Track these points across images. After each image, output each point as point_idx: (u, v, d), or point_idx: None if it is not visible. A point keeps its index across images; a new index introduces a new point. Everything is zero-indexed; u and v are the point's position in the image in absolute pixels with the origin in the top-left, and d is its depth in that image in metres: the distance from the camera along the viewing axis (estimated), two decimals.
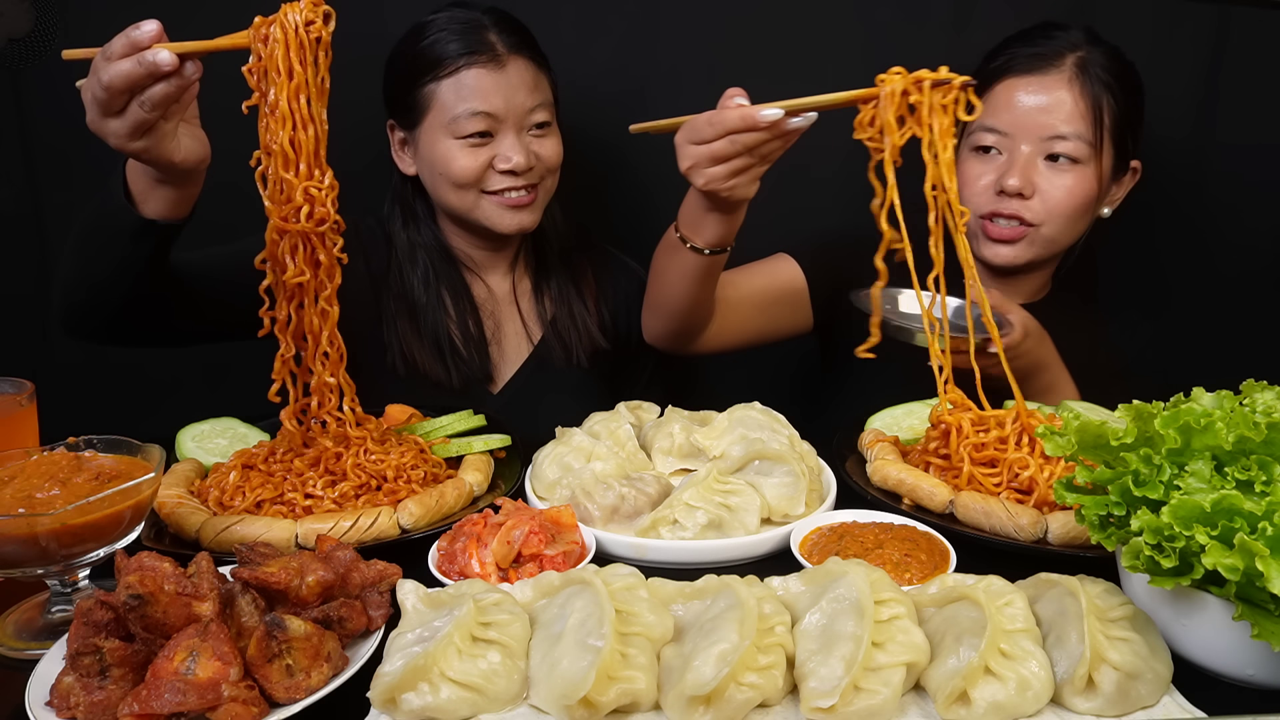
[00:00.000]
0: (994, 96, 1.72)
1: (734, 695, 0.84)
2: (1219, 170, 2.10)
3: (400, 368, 1.77)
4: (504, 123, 1.68)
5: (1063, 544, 1.16)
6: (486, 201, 1.72)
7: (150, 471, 1.03)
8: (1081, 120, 1.68)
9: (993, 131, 1.72)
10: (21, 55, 1.98)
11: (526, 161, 1.69)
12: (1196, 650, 0.93)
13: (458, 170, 1.68)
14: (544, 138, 1.74)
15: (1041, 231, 1.72)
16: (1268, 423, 0.92)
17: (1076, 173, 1.70)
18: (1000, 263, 1.76)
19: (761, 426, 1.36)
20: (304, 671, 0.85)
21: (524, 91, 1.69)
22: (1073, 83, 1.69)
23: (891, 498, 1.29)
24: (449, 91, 1.67)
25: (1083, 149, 1.68)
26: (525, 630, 0.92)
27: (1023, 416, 1.32)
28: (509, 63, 1.68)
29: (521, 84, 1.69)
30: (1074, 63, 1.70)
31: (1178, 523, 0.88)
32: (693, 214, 1.51)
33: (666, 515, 1.19)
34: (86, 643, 0.84)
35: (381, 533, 1.16)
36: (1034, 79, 1.69)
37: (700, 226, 1.50)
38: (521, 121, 1.70)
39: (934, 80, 1.26)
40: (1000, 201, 1.71)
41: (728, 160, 1.35)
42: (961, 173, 1.75)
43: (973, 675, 0.85)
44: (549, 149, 1.75)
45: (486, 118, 1.67)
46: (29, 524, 0.94)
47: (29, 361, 2.00)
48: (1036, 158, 1.69)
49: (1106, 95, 1.69)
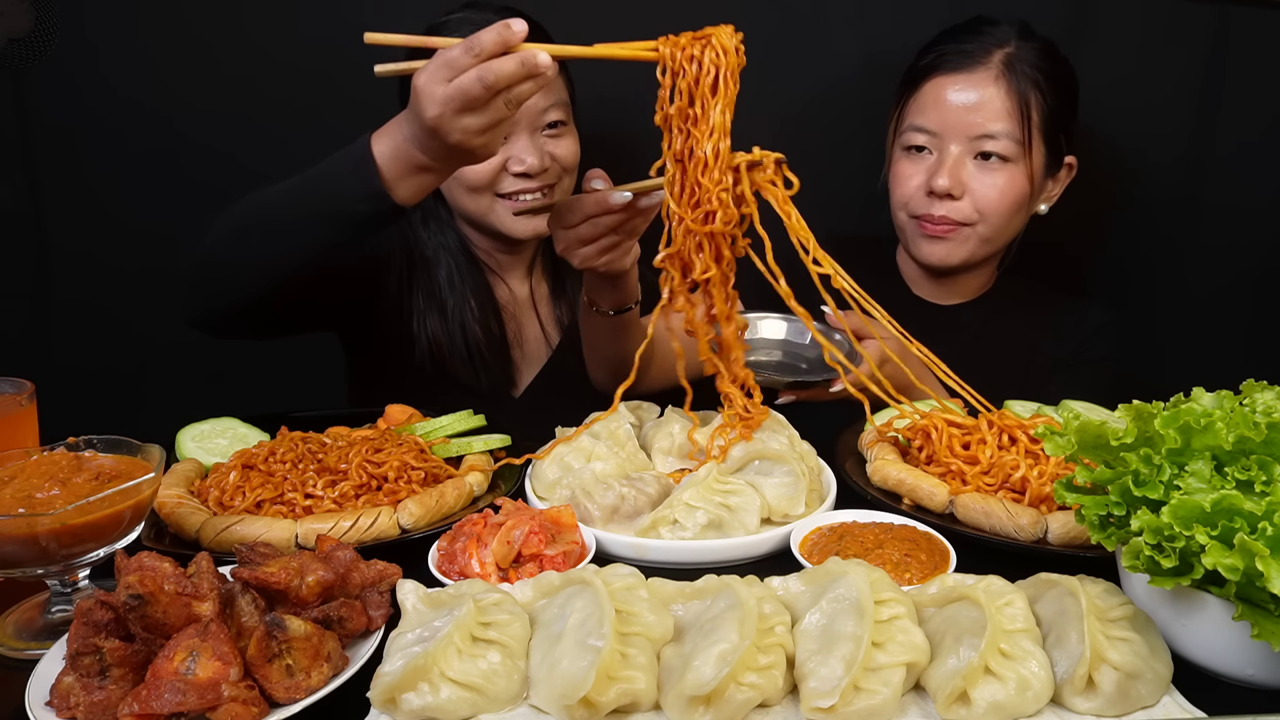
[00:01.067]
0: (922, 95, 1.73)
1: (734, 695, 0.84)
2: (1218, 170, 2.10)
3: (428, 366, 1.77)
4: (517, 124, 1.66)
5: (1063, 544, 1.16)
6: (500, 205, 1.71)
7: (150, 471, 1.03)
8: (1009, 118, 1.67)
9: (922, 131, 1.72)
10: (21, 55, 1.98)
11: (540, 163, 1.68)
12: (1196, 650, 0.93)
13: (471, 174, 1.67)
14: (559, 138, 1.72)
15: (977, 230, 1.73)
16: (1268, 423, 0.92)
17: (1007, 171, 1.69)
18: (935, 262, 1.77)
19: (761, 426, 1.36)
20: (304, 671, 0.85)
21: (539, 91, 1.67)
22: (1000, 80, 1.67)
23: (891, 498, 1.29)
24: None
25: (1012, 147, 1.68)
26: (525, 630, 0.92)
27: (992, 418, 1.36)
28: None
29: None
30: (1001, 60, 1.68)
31: (1178, 523, 0.88)
32: (590, 282, 1.53)
33: (666, 515, 1.19)
34: (86, 643, 0.84)
35: (381, 533, 1.16)
36: (961, 77, 1.69)
37: (599, 293, 1.53)
38: (535, 122, 1.68)
39: (749, 162, 1.27)
40: (931, 203, 1.72)
41: (595, 240, 1.37)
42: (894, 173, 1.79)
43: (973, 675, 0.85)
44: (564, 149, 1.73)
45: None
46: (29, 524, 0.94)
47: (29, 361, 2.00)
48: (966, 157, 1.69)
49: (1035, 92, 1.68)
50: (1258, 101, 2.05)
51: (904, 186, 1.77)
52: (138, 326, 2.10)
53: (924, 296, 1.91)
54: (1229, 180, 2.10)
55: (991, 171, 1.70)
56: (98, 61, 2.02)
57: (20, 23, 1.95)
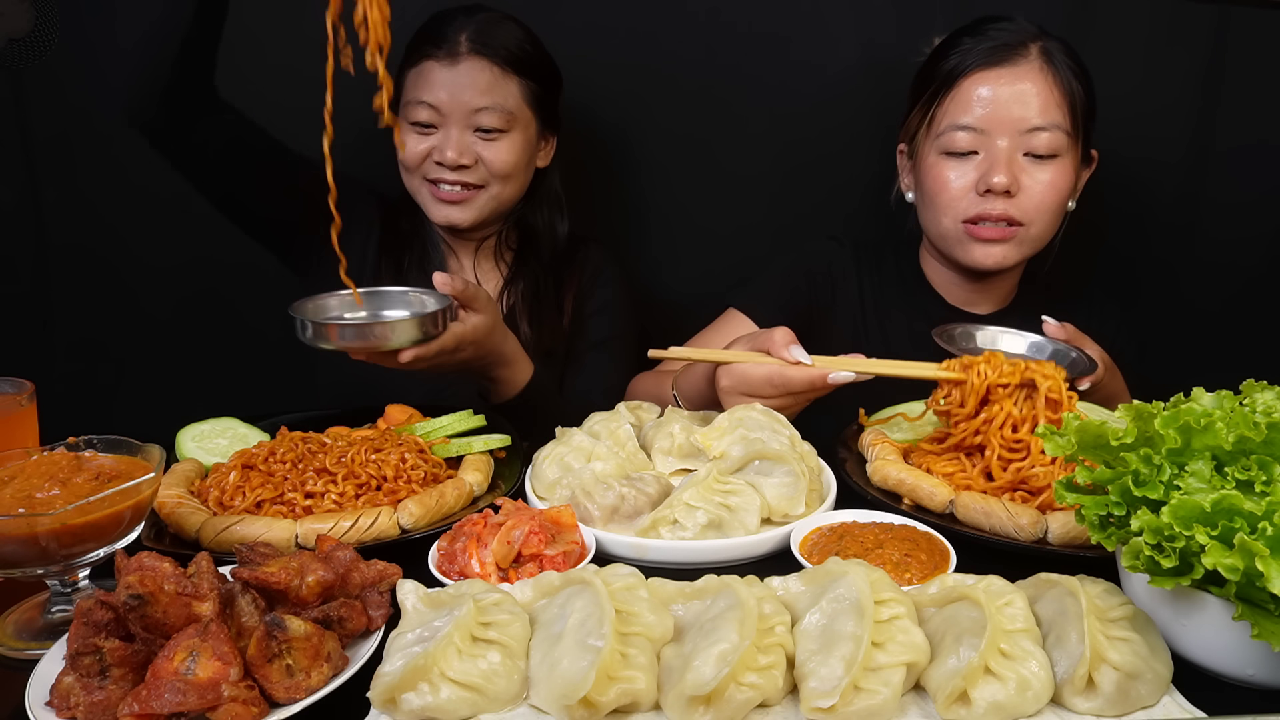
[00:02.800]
0: (961, 94, 1.64)
1: (734, 695, 0.84)
2: (1218, 170, 2.10)
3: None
4: (447, 117, 1.74)
5: (1063, 544, 1.16)
6: (425, 189, 1.81)
7: (150, 471, 1.03)
8: (1058, 109, 1.61)
9: (967, 130, 1.63)
10: (21, 55, 1.98)
11: (458, 158, 1.74)
12: (1196, 650, 0.93)
13: (404, 154, 1.78)
14: (492, 142, 1.77)
15: (1030, 231, 1.66)
16: (1268, 423, 0.92)
17: (1056, 166, 1.63)
18: (991, 264, 1.68)
19: (761, 426, 1.36)
20: (304, 671, 0.85)
21: (473, 91, 1.73)
22: (1043, 71, 1.62)
23: (891, 498, 1.29)
24: (410, 81, 1.77)
25: (1060, 140, 1.62)
26: (525, 630, 0.92)
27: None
28: (463, 61, 1.73)
29: (472, 83, 1.73)
30: (1039, 52, 1.63)
31: (1178, 523, 0.88)
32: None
33: (666, 515, 1.19)
34: (86, 643, 0.83)
35: (381, 533, 1.16)
36: (1003, 71, 1.62)
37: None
38: (466, 120, 1.75)
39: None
40: (985, 202, 1.63)
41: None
42: (934, 177, 1.69)
43: (973, 675, 0.85)
44: (496, 154, 1.78)
45: (429, 109, 1.74)
46: (29, 524, 0.94)
47: (29, 361, 2.00)
48: (1016, 153, 1.62)
49: (1075, 82, 1.63)
50: (1257, 102, 2.05)
51: (948, 191, 1.67)
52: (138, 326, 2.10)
53: (957, 305, 1.83)
54: (1229, 180, 2.10)
55: (1041, 167, 1.63)
56: (97, 61, 2.01)
57: (20, 23, 1.95)
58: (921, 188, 1.74)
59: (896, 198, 1.84)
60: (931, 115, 1.70)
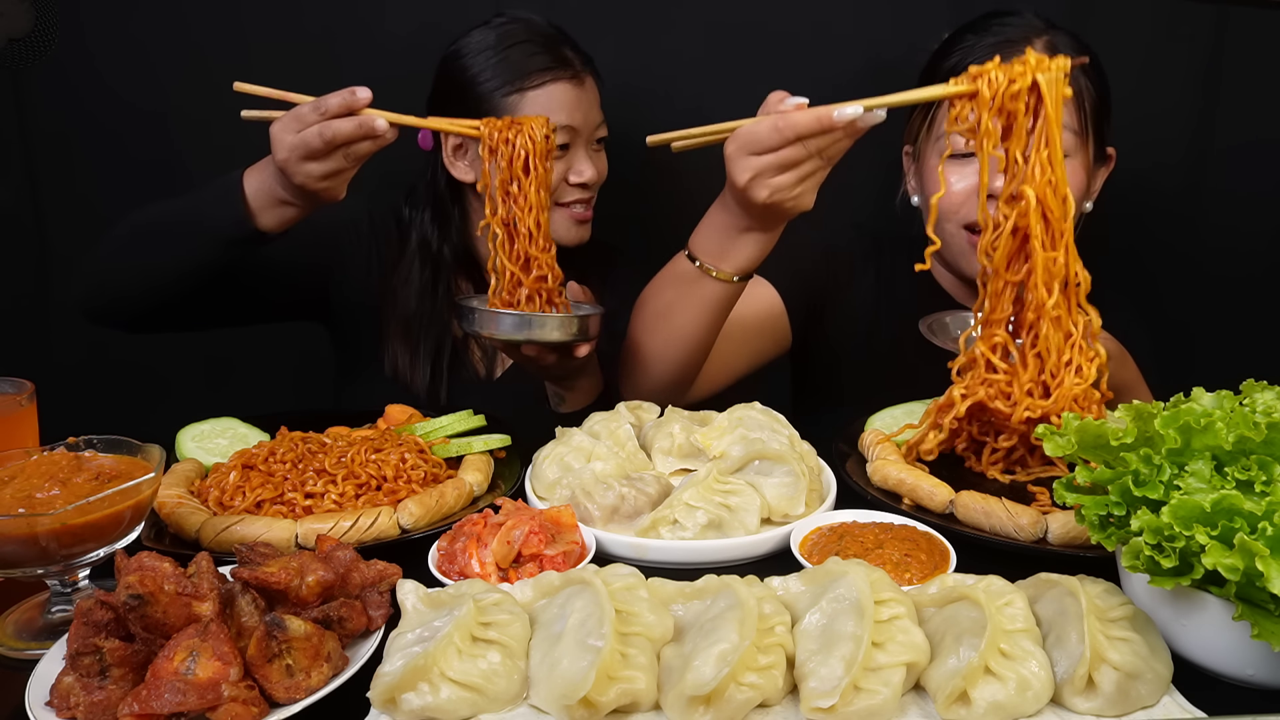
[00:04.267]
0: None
1: (734, 695, 0.84)
2: (1217, 170, 2.10)
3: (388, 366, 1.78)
4: (580, 136, 1.75)
5: (1063, 544, 1.16)
6: (559, 214, 1.77)
7: (150, 471, 1.03)
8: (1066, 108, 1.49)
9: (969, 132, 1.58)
10: (21, 55, 1.98)
11: (597, 175, 1.77)
12: (1196, 650, 0.93)
13: None
14: (600, 152, 1.81)
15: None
16: (1268, 423, 0.92)
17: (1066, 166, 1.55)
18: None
19: (761, 426, 1.36)
20: (304, 671, 0.85)
21: (595, 108, 1.77)
22: None
23: (891, 498, 1.29)
24: (535, 105, 1.70)
25: (1069, 139, 1.55)
26: (525, 630, 0.92)
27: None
28: (585, 80, 1.75)
29: (594, 101, 1.77)
30: (1045, 46, 1.56)
31: (1178, 523, 0.88)
32: (721, 236, 1.41)
33: (666, 515, 1.19)
34: (86, 643, 0.83)
35: (381, 533, 1.16)
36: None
37: (731, 250, 1.41)
38: (591, 136, 1.77)
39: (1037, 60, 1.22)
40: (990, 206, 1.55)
41: (797, 165, 1.27)
42: (934, 181, 1.64)
43: (973, 675, 0.85)
44: (604, 164, 1.82)
45: (569, 131, 1.72)
46: (29, 524, 0.94)
47: (29, 361, 2.00)
48: None
49: (1084, 79, 1.57)
50: (1257, 102, 2.05)
51: (951, 196, 1.62)
52: None
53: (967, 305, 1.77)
54: (1228, 181, 2.10)
55: None
56: (96, 62, 2.02)
57: (20, 23, 1.96)
58: (924, 191, 1.72)
59: (902, 201, 1.82)
60: (933, 117, 1.67)
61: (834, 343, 1.82)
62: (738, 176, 1.30)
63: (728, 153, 1.32)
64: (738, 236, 1.40)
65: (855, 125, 1.24)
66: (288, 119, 1.35)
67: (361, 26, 2.05)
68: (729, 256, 1.42)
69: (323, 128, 1.31)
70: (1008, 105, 1.24)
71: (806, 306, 1.78)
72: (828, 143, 1.26)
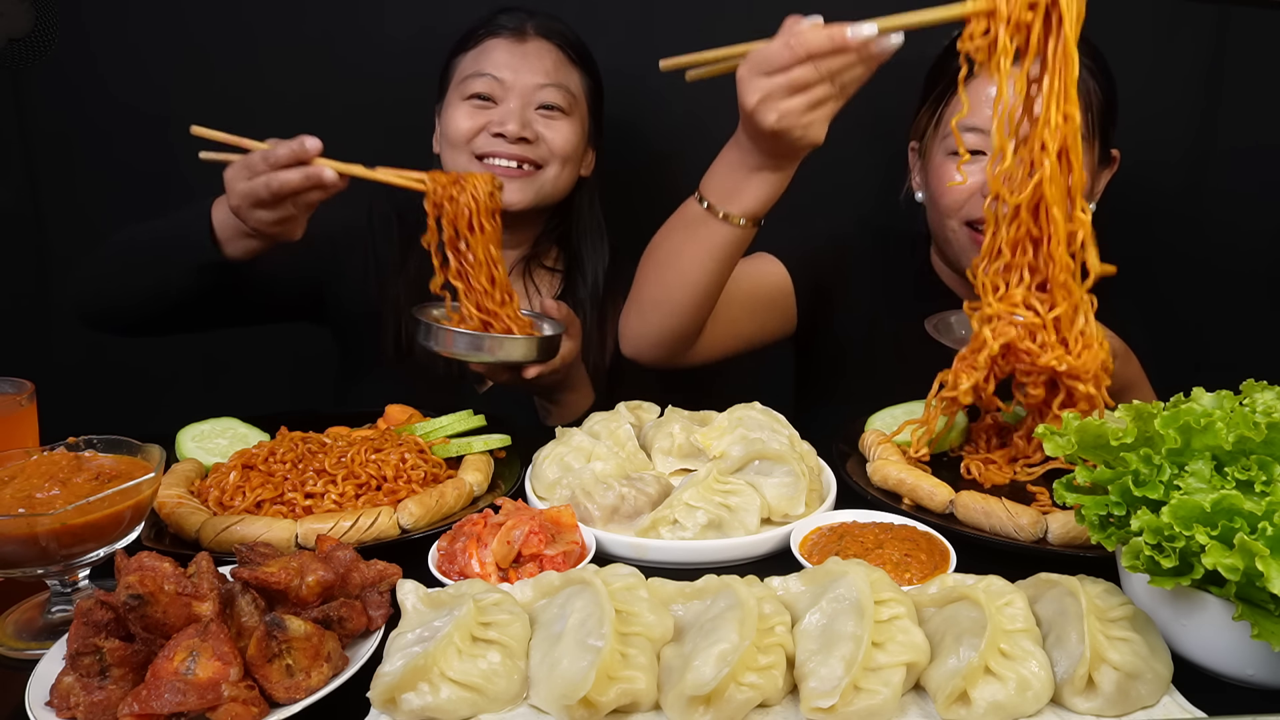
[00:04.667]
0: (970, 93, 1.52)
1: (734, 695, 0.84)
2: (1218, 170, 2.10)
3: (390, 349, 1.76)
4: (510, 91, 1.70)
5: (1063, 544, 1.16)
6: (475, 167, 1.72)
7: (150, 471, 1.03)
8: None
9: (975, 131, 1.58)
10: (21, 55, 1.98)
11: (519, 129, 1.69)
12: (1196, 650, 0.93)
13: (453, 129, 1.71)
14: (552, 120, 1.74)
15: None
16: (1268, 423, 0.92)
17: None
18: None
19: (761, 426, 1.36)
20: (304, 671, 0.85)
21: (539, 69, 1.71)
22: None
23: (891, 498, 1.29)
24: (469, 59, 1.73)
25: None
26: (525, 630, 0.92)
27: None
28: (530, 40, 1.71)
29: (538, 61, 1.71)
30: None
31: (1178, 523, 0.88)
32: (732, 175, 1.36)
33: (666, 515, 1.19)
34: (86, 643, 0.83)
35: (381, 533, 1.16)
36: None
37: (741, 190, 1.36)
38: (529, 96, 1.71)
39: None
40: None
41: (808, 89, 1.21)
42: (939, 178, 1.65)
43: (973, 675, 0.85)
44: (556, 133, 1.74)
45: (492, 80, 1.70)
46: (29, 524, 0.94)
47: (29, 361, 2.00)
48: None
49: (1091, 81, 1.57)
50: (1257, 103, 2.05)
51: (953, 193, 1.61)
52: None
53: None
54: (1229, 181, 2.10)
55: None
56: (96, 64, 2.02)
57: (20, 23, 1.96)
58: (928, 188, 1.72)
59: (906, 196, 1.81)
60: (940, 114, 1.67)
61: (838, 332, 1.82)
62: (747, 98, 1.25)
63: (739, 75, 1.27)
64: (748, 175, 1.36)
65: (870, 49, 1.20)
66: (239, 167, 1.38)
67: (361, 28, 2.05)
68: (738, 197, 1.38)
69: (270, 179, 1.34)
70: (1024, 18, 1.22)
71: (813, 289, 1.78)
72: (841, 65, 1.21)
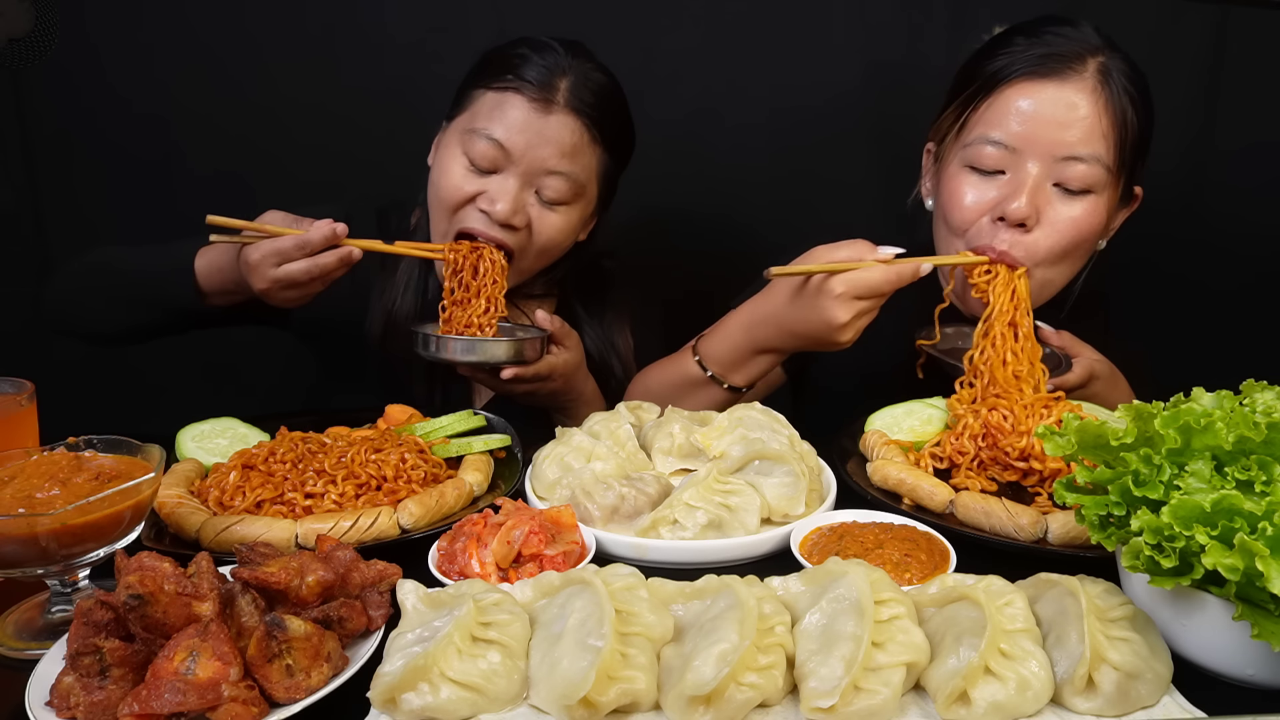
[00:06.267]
0: (999, 103, 1.45)
1: (734, 695, 0.84)
2: (1218, 171, 2.10)
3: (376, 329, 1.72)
4: (515, 164, 1.55)
5: (1063, 544, 1.16)
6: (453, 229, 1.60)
7: (150, 471, 1.03)
8: (1102, 141, 1.41)
9: (997, 146, 1.45)
10: (21, 55, 1.98)
11: (508, 214, 1.55)
12: (1196, 650, 0.93)
13: (444, 187, 1.58)
14: (549, 211, 1.60)
15: (1034, 275, 1.48)
16: (1268, 423, 0.92)
17: (1087, 203, 1.44)
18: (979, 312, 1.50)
19: (761, 426, 1.36)
20: (304, 671, 0.85)
21: (555, 150, 1.54)
22: (1096, 93, 1.41)
23: (891, 498, 1.29)
24: (484, 107, 1.56)
25: (1098, 174, 1.42)
26: (525, 630, 0.92)
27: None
28: (556, 113, 1.53)
29: (558, 141, 1.54)
30: (1097, 69, 1.43)
31: (1178, 523, 0.88)
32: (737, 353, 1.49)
33: (666, 515, 1.19)
34: (86, 643, 0.83)
35: (381, 533, 1.16)
36: (1050, 85, 1.42)
37: (746, 366, 1.50)
38: (532, 178, 1.56)
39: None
40: (995, 233, 1.46)
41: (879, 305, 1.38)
42: (951, 191, 1.52)
43: (973, 675, 0.85)
44: (547, 224, 1.60)
45: (498, 148, 1.53)
46: (29, 524, 0.94)
47: (29, 361, 2.00)
48: (1046, 181, 1.43)
49: (1131, 111, 1.43)
50: (1257, 103, 2.05)
51: (963, 211, 1.49)
52: None
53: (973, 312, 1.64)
54: (1229, 182, 2.10)
55: (1070, 201, 1.43)
56: (99, 63, 2.02)
57: (20, 23, 1.96)
58: (939, 198, 1.60)
59: (915, 201, 1.71)
60: (965, 120, 1.53)
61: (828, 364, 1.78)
62: (839, 314, 1.36)
63: (837, 292, 1.36)
64: (753, 357, 1.49)
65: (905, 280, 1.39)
66: (269, 254, 1.42)
67: (362, 25, 2.06)
68: (742, 370, 1.52)
69: (311, 265, 1.42)
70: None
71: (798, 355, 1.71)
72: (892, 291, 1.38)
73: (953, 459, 1.37)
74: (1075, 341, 1.54)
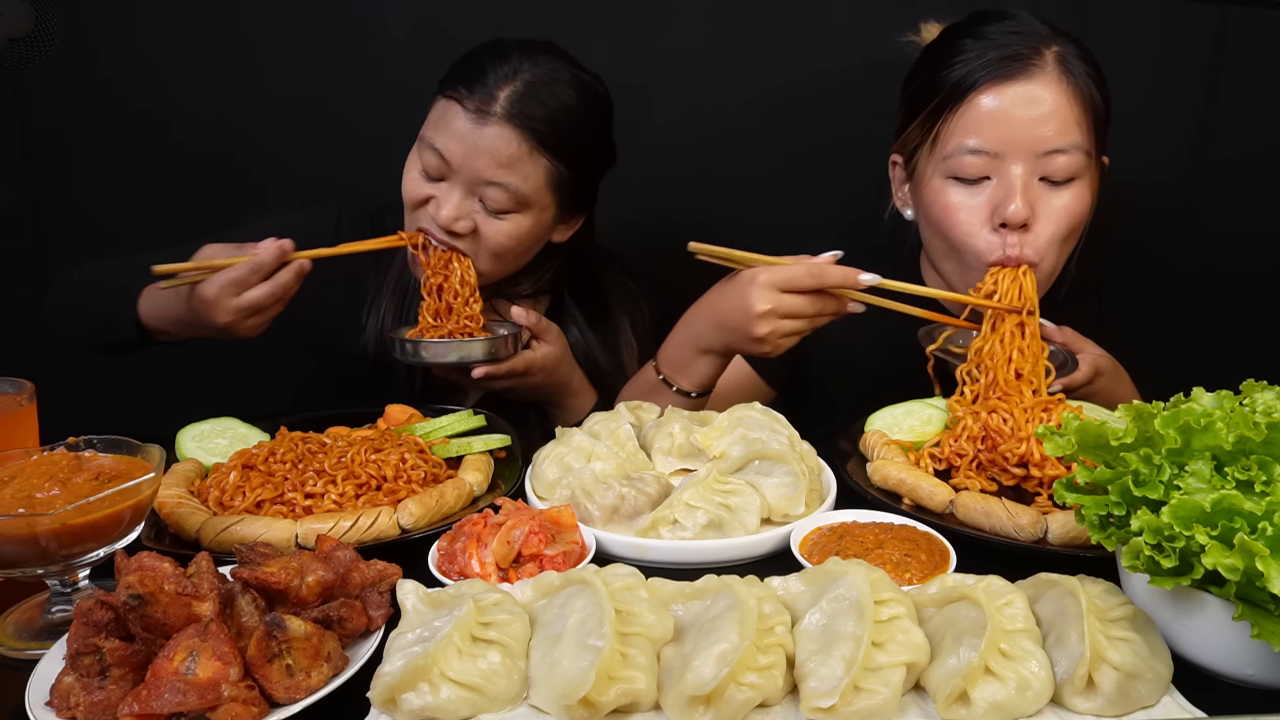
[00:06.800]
0: (972, 111, 1.45)
1: (734, 695, 0.84)
2: (1217, 172, 2.10)
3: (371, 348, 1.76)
4: (455, 174, 1.57)
5: (1063, 544, 1.16)
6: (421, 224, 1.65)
7: (150, 471, 1.03)
8: (1077, 128, 1.44)
9: (977, 154, 1.45)
10: (21, 55, 1.98)
11: (451, 221, 1.58)
12: (1196, 650, 0.93)
13: (406, 186, 1.63)
14: (495, 219, 1.60)
15: (1041, 268, 1.48)
16: (1268, 423, 0.92)
17: (1073, 190, 1.46)
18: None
19: (761, 426, 1.36)
20: (304, 671, 0.85)
21: (490, 161, 1.54)
22: (1061, 83, 1.43)
23: (891, 498, 1.29)
24: (437, 111, 1.60)
25: (1079, 161, 1.45)
26: (525, 630, 0.92)
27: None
28: (491, 124, 1.53)
29: (491, 152, 1.54)
30: (1055, 59, 1.45)
31: (1178, 523, 0.88)
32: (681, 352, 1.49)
33: (666, 515, 1.19)
34: (86, 643, 0.84)
35: (381, 533, 1.16)
36: (1016, 85, 1.43)
37: (690, 367, 1.50)
38: (472, 186, 1.58)
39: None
40: (1000, 241, 1.47)
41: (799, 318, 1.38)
42: (940, 206, 1.51)
43: (973, 675, 0.85)
44: (494, 230, 1.60)
45: (439, 159, 1.56)
46: (29, 524, 0.94)
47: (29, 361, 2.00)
48: (1033, 178, 1.45)
49: (1095, 92, 1.47)
50: (1257, 104, 2.05)
51: (960, 225, 1.48)
52: None
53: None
54: (1229, 182, 2.10)
55: (1057, 193, 1.45)
56: (99, 62, 2.02)
57: (20, 23, 1.96)
58: (925, 214, 1.57)
59: (892, 215, 1.68)
60: (936, 132, 1.51)
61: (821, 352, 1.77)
62: (757, 304, 1.37)
63: (759, 280, 1.38)
64: (696, 356, 1.50)
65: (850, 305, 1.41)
66: (225, 285, 1.44)
67: (363, 22, 2.06)
68: (687, 373, 1.53)
69: (273, 287, 1.45)
70: None
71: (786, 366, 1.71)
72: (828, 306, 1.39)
73: (951, 460, 1.37)
74: (1077, 337, 1.53)
